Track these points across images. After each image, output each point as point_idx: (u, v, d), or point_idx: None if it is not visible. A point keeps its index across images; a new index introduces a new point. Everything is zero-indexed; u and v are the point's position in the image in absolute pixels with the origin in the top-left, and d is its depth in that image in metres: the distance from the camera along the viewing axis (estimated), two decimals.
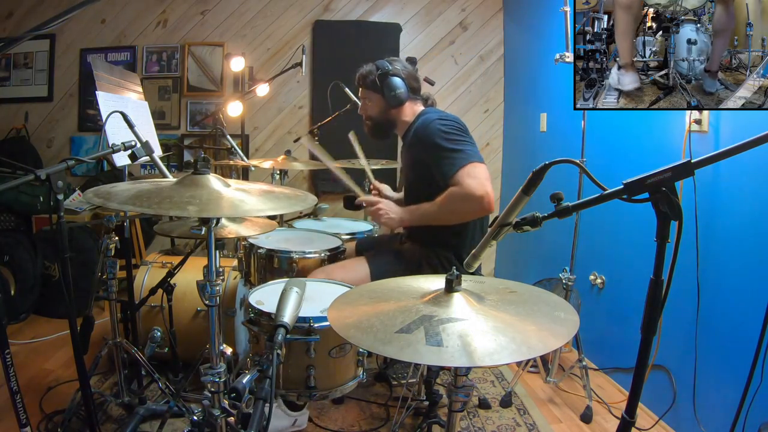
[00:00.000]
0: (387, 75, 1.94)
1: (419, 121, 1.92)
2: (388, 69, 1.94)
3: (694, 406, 1.95)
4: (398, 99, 1.94)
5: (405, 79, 1.95)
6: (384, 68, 1.95)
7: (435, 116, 1.85)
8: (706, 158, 0.80)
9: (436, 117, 1.84)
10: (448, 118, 1.84)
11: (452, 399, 1.10)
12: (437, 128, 1.78)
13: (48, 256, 3.12)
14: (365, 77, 2.00)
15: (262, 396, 1.06)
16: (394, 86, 1.93)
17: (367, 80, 1.99)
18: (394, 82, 1.93)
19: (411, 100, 1.99)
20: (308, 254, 1.97)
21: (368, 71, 1.99)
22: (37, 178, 1.21)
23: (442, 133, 1.77)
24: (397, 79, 1.93)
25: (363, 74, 2.01)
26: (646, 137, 2.31)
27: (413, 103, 2.01)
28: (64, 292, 1.31)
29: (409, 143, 1.97)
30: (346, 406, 2.23)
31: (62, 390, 2.23)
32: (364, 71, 2.01)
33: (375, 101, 2.01)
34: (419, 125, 1.90)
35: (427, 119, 1.87)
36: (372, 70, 1.98)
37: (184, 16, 3.81)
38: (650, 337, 0.87)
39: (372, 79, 1.97)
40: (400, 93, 1.94)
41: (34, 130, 3.82)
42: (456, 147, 1.74)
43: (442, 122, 1.80)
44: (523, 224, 0.99)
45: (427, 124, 1.83)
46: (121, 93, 2.14)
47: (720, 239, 1.91)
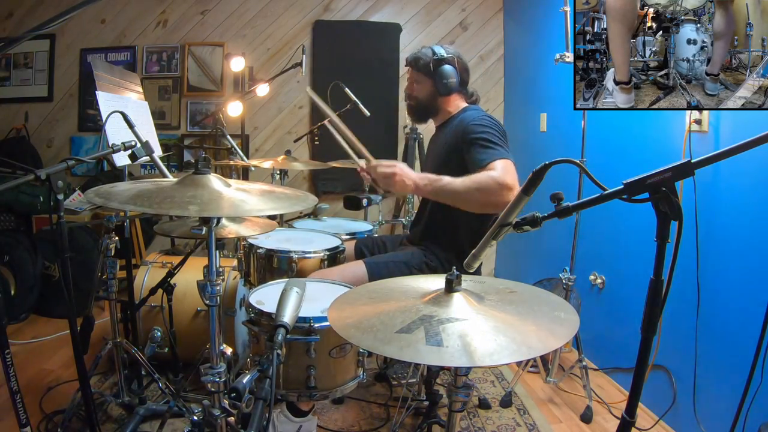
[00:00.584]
0: (442, 62, 1.93)
1: (466, 113, 1.91)
2: (444, 56, 1.94)
3: (694, 406, 1.96)
4: (448, 88, 1.94)
5: (458, 69, 1.95)
6: (440, 54, 1.94)
7: (482, 113, 1.88)
8: (706, 158, 0.80)
9: (483, 114, 1.86)
10: (493, 118, 1.86)
11: (452, 399, 1.10)
12: (481, 123, 1.79)
13: (48, 256, 3.12)
14: (419, 59, 1.98)
15: (262, 396, 1.06)
16: (448, 74, 1.92)
17: (419, 63, 1.98)
18: (447, 71, 1.92)
19: (458, 92, 1.99)
20: (308, 254, 1.97)
21: (423, 54, 1.98)
22: (37, 178, 1.21)
23: (485, 128, 1.77)
24: (450, 67, 1.93)
25: (417, 56, 1.99)
26: (646, 137, 2.31)
27: (459, 95, 2.01)
28: (64, 292, 1.31)
29: (448, 133, 1.94)
30: (346, 406, 2.24)
31: (62, 390, 2.23)
32: (419, 53, 2.00)
33: (424, 85, 1.99)
34: (466, 117, 1.88)
35: (476, 113, 1.88)
36: (428, 53, 1.97)
37: (184, 16, 3.81)
38: (650, 337, 0.87)
39: (426, 62, 1.95)
40: (452, 82, 1.93)
41: (34, 130, 3.82)
42: (497, 143, 1.74)
43: (489, 119, 1.82)
44: (523, 224, 0.99)
45: (473, 117, 1.84)
46: (121, 93, 2.14)
47: (720, 239, 1.91)
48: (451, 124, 1.95)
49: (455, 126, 1.90)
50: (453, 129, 1.91)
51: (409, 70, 2.05)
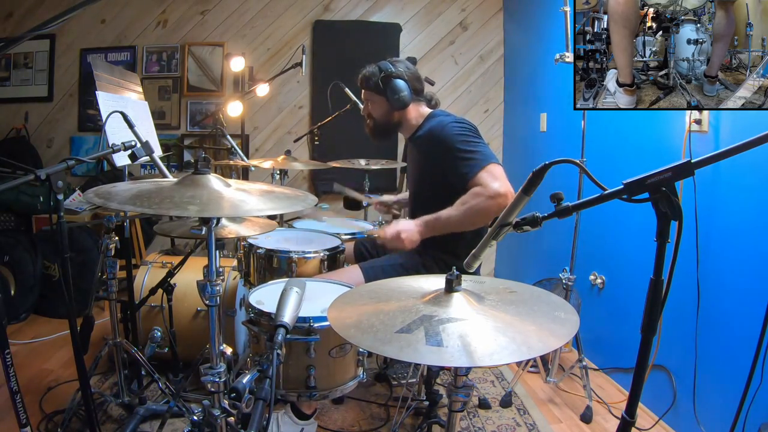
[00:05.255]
0: (390, 77, 1.91)
1: (432, 124, 1.90)
2: (392, 71, 1.92)
3: (694, 406, 1.95)
4: (402, 102, 1.92)
5: (408, 80, 1.93)
6: (387, 70, 1.92)
7: (449, 120, 1.85)
8: (706, 158, 0.80)
9: (450, 120, 1.84)
10: (461, 121, 1.84)
11: (452, 399, 1.10)
12: (453, 131, 1.78)
13: (48, 256, 3.12)
14: (368, 79, 1.97)
15: (262, 396, 1.06)
16: (398, 89, 1.90)
17: (369, 82, 1.96)
18: (398, 85, 1.90)
19: (415, 102, 1.98)
20: (308, 254, 1.97)
21: (371, 73, 1.96)
22: (37, 178, 1.21)
23: (459, 136, 1.77)
24: (400, 81, 1.91)
25: (366, 76, 1.98)
26: (646, 137, 2.31)
27: (417, 104, 2.00)
28: (64, 292, 1.31)
29: (420, 145, 1.95)
30: (346, 406, 2.23)
31: (62, 390, 2.23)
32: (366, 73, 1.98)
33: (378, 103, 1.98)
34: (433, 127, 1.87)
35: (441, 122, 1.86)
36: (375, 72, 1.95)
37: (184, 16, 3.81)
38: (650, 337, 0.87)
39: (375, 81, 1.94)
40: (404, 96, 1.91)
41: (34, 130, 3.82)
42: (473, 149, 1.74)
43: (458, 125, 1.81)
44: (523, 224, 0.99)
45: (442, 127, 1.82)
46: (121, 93, 2.14)
47: (720, 239, 1.91)
48: (421, 135, 1.94)
49: (425, 137, 1.90)
50: (425, 140, 1.91)
51: (363, 91, 2.03)
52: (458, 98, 3.92)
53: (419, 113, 1.99)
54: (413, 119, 1.99)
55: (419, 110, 2.00)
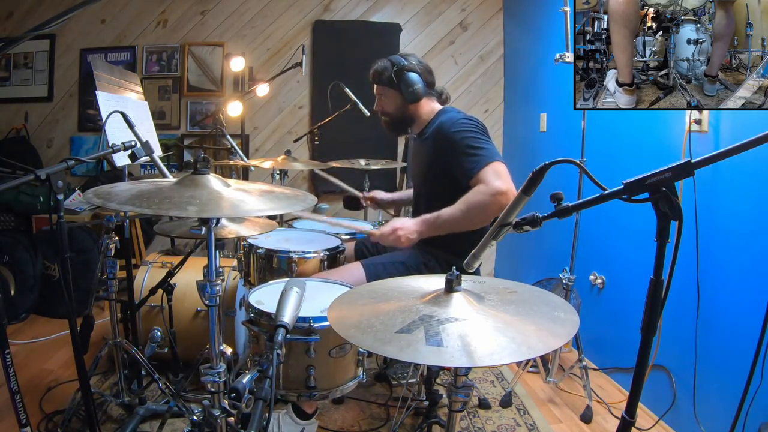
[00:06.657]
0: (403, 71, 1.92)
1: (443, 119, 1.90)
2: (404, 64, 1.93)
3: (694, 406, 1.95)
4: (416, 95, 1.92)
5: (421, 74, 1.94)
6: (399, 64, 1.93)
7: (459, 116, 1.86)
8: (706, 158, 0.80)
9: (460, 117, 1.85)
10: (471, 118, 1.85)
11: (452, 399, 1.10)
12: (461, 128, 1.79)
13: (48, 256, 3.12)
14: (381, 73, 1.97)
15: (262, 396, 1.06)
16: (412, 82, 1.91)
17: (382, 77, 1.97)
18: (411, 78, 1.91)
19: (427, 96, 1.98)
20: (308, 254, 1.97)
21: (383, 67, 1.97)
22: (37, 178, 1.21)
23: (466, 132, 1.77)
24: (413, 74, 1.92)
25: (378, 70, 1.98)
26: (646, 137, 2.31)
27: (429, 99, 2.00)
28: (64, 292, 1.31)
29: (429, 140, 1.94)
30: (346, 406, 2.23)
31: (62, 390, 2.23)
32: (378, 68, 1.98)
33: (392, 97, 1.99)
34: (444, 122, 1.87)
35: (451, 118, 1.86)
36: (387, 66, 1.95)
37: (184, 16, 3.81)
38: (650, 337, 0.87)
39: (388, 75, 1.95)
40: (418, 88, 1.92)
41: (34, 130, 3.83)
42: (480, 145, 1.74)
43: (467, 122, 1.81)
44: (523, 224, 0.99)
45: (452, 123, 1.82)
46: (121, 93, 2.14)
47: (720, 239, 1.91)
48: (430, 131, 1.94)
49: (434, 133, 1.90)
50: (433, 136, 1.91)
51: (375, 86, 2.04)
52: (458, 98, 3.92)
53: (431, 108, 2.00)
54: (425, 114, 1.99)
55: (431, 105, 2.00)
